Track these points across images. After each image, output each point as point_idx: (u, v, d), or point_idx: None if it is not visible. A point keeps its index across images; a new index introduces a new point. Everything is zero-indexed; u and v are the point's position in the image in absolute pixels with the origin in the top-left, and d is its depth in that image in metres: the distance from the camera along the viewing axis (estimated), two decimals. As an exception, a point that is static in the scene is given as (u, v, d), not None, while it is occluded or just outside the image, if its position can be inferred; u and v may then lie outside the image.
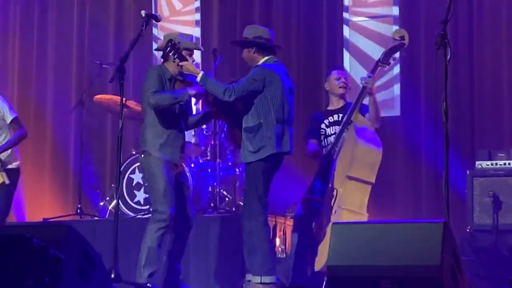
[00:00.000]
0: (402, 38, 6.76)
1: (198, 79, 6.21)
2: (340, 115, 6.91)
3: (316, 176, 6.81)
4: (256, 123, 6.22)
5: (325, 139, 7.01)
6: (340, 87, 7.02)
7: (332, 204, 6.58)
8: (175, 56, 6.23)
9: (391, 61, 6.84)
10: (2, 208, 7.32)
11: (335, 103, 7.08)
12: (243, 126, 6.28)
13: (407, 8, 9.11)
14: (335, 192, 6.58)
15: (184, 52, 6.31)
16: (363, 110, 6.85)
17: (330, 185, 6.66)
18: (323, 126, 7.04)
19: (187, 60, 6.26)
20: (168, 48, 6.22)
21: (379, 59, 6.79)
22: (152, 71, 6.44)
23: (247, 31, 6.49)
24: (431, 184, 8.44)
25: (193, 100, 6.70)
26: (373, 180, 6.66)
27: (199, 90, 6.30)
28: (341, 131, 6.74)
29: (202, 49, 6.71)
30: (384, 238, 4.50)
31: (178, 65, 6.27)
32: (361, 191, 6.62)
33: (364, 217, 6.60)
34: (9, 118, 7.35)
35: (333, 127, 6.94)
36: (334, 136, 6.88)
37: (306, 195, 6.83)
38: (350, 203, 6.57)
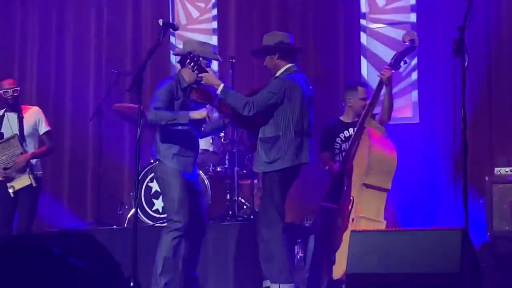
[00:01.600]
0: (412, 41, 6.74)
1: (219, 91, 6.19)
2: (355, 129, 6.86)
3: (332, 184, 6.79)
4: (274, 135, 6.21)
5: (340, 154, 6.99)
6: (362, 104, 6.99)
7: (348, 212, 6.56)
8: (195, 68, 6.22)
9: (402, 64, 6.82)
10: (29, 212, 7.43)
11: (351, 116, 7.06)
12: (259, 136, 6.27)
13: (424, 15, 9.09)
14: (351, 200, 6.56)
15: (203, 62, 6.31)
16: (373, 115, 6.85)
17: (345, 193, 6.64)
18: (338, 140, 7.03)
19: (207, 71, 6.25)
20: (188, 60, 6.22)
21: (390, 63, 6.77)
22: (164, 84, 6.42)
23: (267, 37, 6.48)
24: (450, 191, 8.40)
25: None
26: (389, 187, 6.63)
27: (208, 112, 6.27)
28: (355, 138, 6.71)
29: (220, 59, 6.70)
30: (403, 245, 4.49)
31: (197, 76, 6.26)
32: (377, 199, 6.60)
33: (382, 225, 6.57)
34: (43, 129, 7.57)
35: (348, 143, 6.91)
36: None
37: (322, 203, 6.81)
38: (367, 211, 6.55)
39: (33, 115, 7.55)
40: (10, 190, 7.35)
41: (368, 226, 6.39)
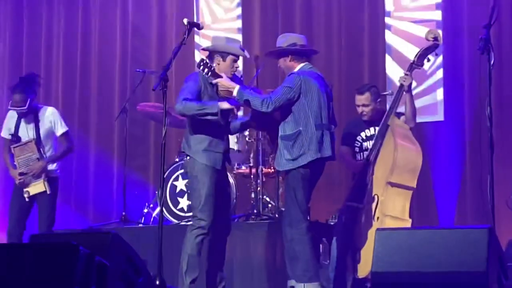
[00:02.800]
0: (436, 38, 6.73)
1: (235, 93, 6.17)
2: (377, 128, 6.86)
3: (355, 183, 6.79)
4: (295, 131, 6.20)
5: (361, 153, 6.99)
6: (361, 113, 7.03)
7: (373, 210, 6.55)
8: (209, 74, 6.20)
9: (425, 62, 6.82)
10: (49, 216, 7.43)
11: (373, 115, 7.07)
12: (280, 134, 6.26)
13: (449, 13, 9.05)
14: (376, 199, 6.55)
15: (230, 58, 6.31)
16: (397, 115, 6.85)
17: (369, 192, 6.63)
18: (359, 138, 7.03)
19: (221, 77, 6.23)
20: (202, 67, 6.20)
21: (413, 60, 6.78)
22: (193, 76, 6.42)
23: (280, 40, 6.49)
24: (476, 189, 8.36)
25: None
26: (414, 185, 6.62)
27: (235, 103, 6.28)
28: (379, 136, 6.71)
29: (248, 55, 6.68)
30: (429, 244, 4.48)
31: (211, 83, 6.25)
32: (403, 197, 6.59)
33: (407, 223, 6.56)
34: (60, 131, 7.49)
35: (369, 141, 6.91)
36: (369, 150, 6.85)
37: (346, 202, 6.81)
38: (392, 209, 6.54)
39: (49, 118, 7.48)
40: (25, 195, 7.37)
41: (393, 225, 6.38)
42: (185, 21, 6.22)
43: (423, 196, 8.45)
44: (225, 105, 6.20)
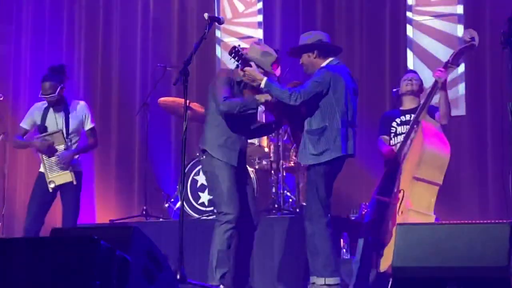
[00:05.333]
0: (473, 39, 6.69)
1: (262, 85, 6.18)
2: (413, 115, 6.89)
3: (385, 176, 6.78)
4: (321, 126, 6.19)
5: (395, 137, 7.03)
6: (406, 85, 7.08)
7: (398, 205, 6.54)
8: (239, 62, 6.23)
9: (461, 62, 6.81)
10: (74, 209, 7.38)
11: (407, 104, 7.10)
12: (306, 128, 6.25)
13: (471, 7, 9.01)
14: (401, 193, 6.54)
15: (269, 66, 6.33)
16: (432, 111, 6.84)
17: (396, 186, 6.62)
18: (394, 124, 7.07)
19: (250, 65, 6.24)
20: (233, 54, 6.23)
21: (448, 60, 6.76)
22: (222, 74, 6.45)
23: (304, 37, 6.48)
24: (498, 184, 8.32)
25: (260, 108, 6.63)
26: (440, 181, 6.61)
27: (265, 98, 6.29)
28: (410, 131, 6.72)
29: (278, 73, 6.60)
30: (450, 239, 4.47)
31: (241, 70, 6.26)
32: (429, 192, 6.57)
33: (432, 218, 6.55)
34: (89, 125, 7.49)
35: (404, 126, 6.95)
36: (403, 135, 6.87)
37: (375, 196, 6.80)
38: (418, 204, 6.52)
39: (81, 111, 7.47)
40: (51, 185, 7.29)
41: (417, 219, 6.37)
42: (206, 15, 6.22)
43: (444, 191, 8.42)
44: (262, 97, 6.23)
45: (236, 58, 6.23)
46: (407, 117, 7.00)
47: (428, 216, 6.51)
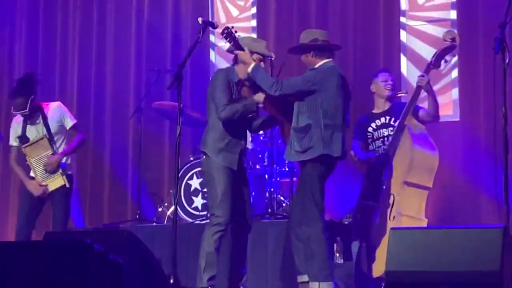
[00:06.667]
0: (453, 39, 6.74)
1: (250, 69, 6.23)
2: (387, 117, 6.95)
3: (368, 181, 6.79)
4: (306, 124, 6.18)
5: (373, 143, 7.02)
6: (386, 89, 7.09)
7: (389, 210, 6.55)
8: (231, 44, 6.27)
9: (443, 63, 6.84)
10: (64, 212, 7.33)
11: (381, 106, 7.11)
12: (293, 125, 6.26)
13: (465, 12, 9.02)
14: (391, 198, 6.55)
15: (255, 56, 6.34)
16: (415, 110, 6.87)
17: (385, 191, 6.63)
18: (370, 129, 7.06)
19: (243, 49, 6.28)
20: (225, 35, 6.26)
21: (431, 61, 6.82)
22: (219, 75, 6.45)
23: (303, 35, 6.50)
24: (491, 188, 8.33)
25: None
26: (430, 185, 6.63)
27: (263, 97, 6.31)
28: (396, 136, 6.72)
29: (273, 56, 6.69)
30: (443, 243, 4.47)
31: (232, 52, 6.30)
32: (419, 197, 6.59)
33: (424, 223, 6.57)
34: (69, 124, 7.42)
35: (381, 130, 6.97)
36: (382, 140, 6.89)
37: (361, 202, 6.81)
38: (409, 209, 6.54)
39: (56, 112, 7.40)
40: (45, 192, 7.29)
41: (409, 224, 6.39)
42: (200, 20, 6.24)
43: (437, 195, 8.43)
44: (260, 96, 6.25)
45: (228, 39, 6.26)
46: (382, 120, 7.02)
47: (420, 221, 6.53)
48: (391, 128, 6.91)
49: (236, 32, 6.33)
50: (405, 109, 6.79)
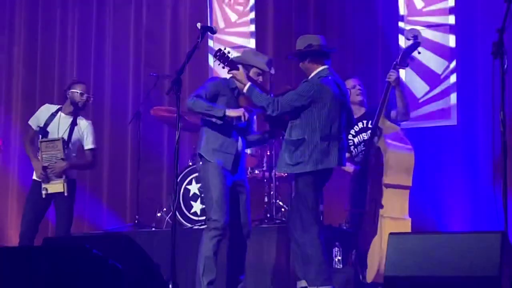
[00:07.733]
0: (415, 37, 6.80)
1: (246, 89, 6.23)
2: (364, 121, 7.01)
3: (354, 188, 6.83)
4: (299, 138, 6.18)
5: (355, 149, 7.06)
6: (357, 95, 7.14)
7: (373, 214, 6.58)
8: (225, 64, 6.27)
9: (409, 62, 6.92)
10: (67, 217, 7.38)
11: (357, 112, 7.11)
12: (286, 137, 6.28)
13: (463, 17, 9.03)
14: (374, 202, 6.59)
15: (254, 71, 6.35)
16: (388, 111, 6.91)
17: (369, 196, 6.66)
18: (350, 136, 7.08)
19: (238, 68, 6.28)
20: (217, 57, 6.27)
21: (396, 61, 6.87)
22: (213, 79, 6.50)
23: (298, 42, 6.49)
24: (489, 193, 8.34)
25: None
26: (410, 183, 6.68)
27: (253, 114, 6.31)
28: (371, 140, 6.76)
29: (273, 72, 6.68)
30: (441, 249, 4.48)
31: (228, 73, 6.31)
32: (399, 197, 6.63)
33: (407, 222, 6.60)
34: (89, 145, 7.53)
35: (360, 135, 7.02)
36: (363, 143, 6.93)
37: (350, 209, 6.86)
38: (391, 210, 6.59)
39: (83, 128, 7.51)
40: (43, 192, 7.30)
41: (394, 225, 6.43)
42: (199, 25, 6.25)
43: (435, 200, 8.44)
44: (232, 112, 6.24)
45: (221, 61, 6.26)
46: (360, 125, 7.07)
47: (403, 220, 6.57)
48: (370, 131, 6.97)
49: (229, 52, 6.33)
50: (378, 108, 6.83)
